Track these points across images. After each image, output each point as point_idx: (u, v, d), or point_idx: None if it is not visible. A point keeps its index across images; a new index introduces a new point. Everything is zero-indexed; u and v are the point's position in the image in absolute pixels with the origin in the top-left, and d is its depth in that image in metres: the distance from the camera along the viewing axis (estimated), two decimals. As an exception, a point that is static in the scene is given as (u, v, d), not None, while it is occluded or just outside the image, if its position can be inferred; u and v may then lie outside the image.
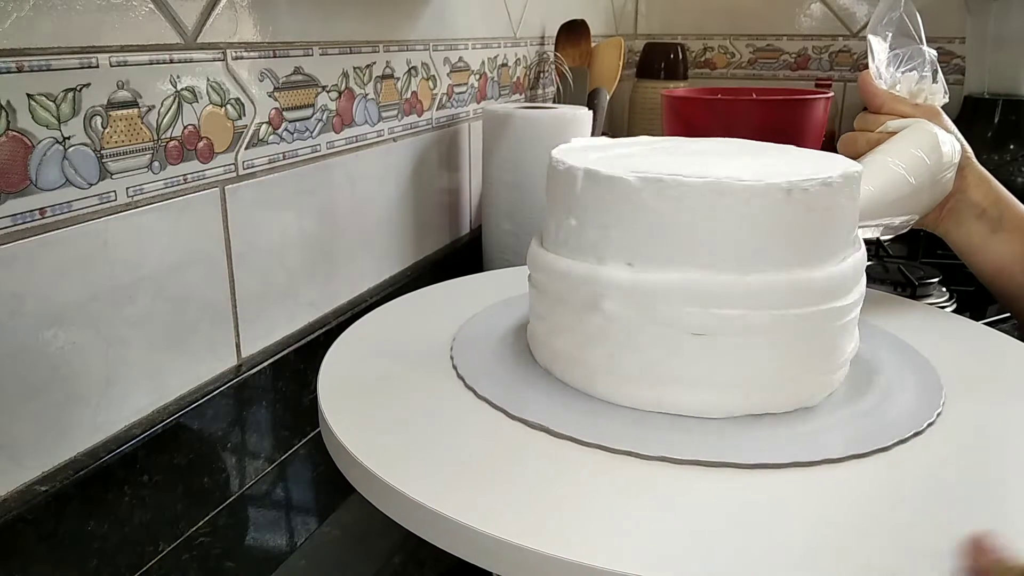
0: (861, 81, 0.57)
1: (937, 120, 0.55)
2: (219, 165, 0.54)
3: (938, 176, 0.53)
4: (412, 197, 0.81)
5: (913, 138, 0.53)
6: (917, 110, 0.55)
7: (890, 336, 0.50)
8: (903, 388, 0.43)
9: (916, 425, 0.39)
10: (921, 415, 0.40)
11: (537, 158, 0.82)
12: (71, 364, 0.44)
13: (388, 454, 0.37)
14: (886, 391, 0.43)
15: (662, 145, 0.47)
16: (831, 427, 0.39)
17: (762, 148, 0.47)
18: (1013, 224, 0.56)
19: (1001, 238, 0.56)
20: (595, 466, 0.36)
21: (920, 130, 0.53)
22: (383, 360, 0.47)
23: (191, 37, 0.51)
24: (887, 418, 0.40)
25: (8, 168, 0.40)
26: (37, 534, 0.42)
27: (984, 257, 0.57)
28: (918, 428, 0.39)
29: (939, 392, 0.42)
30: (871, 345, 0.47)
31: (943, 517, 0.32)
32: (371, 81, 0.72)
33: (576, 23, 1.12)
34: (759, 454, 0.36)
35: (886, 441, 0.37)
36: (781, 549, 0.31)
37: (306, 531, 0.53)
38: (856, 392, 0.42)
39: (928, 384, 0.44)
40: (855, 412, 0.40)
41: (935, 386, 0.43)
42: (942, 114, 0.56)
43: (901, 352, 0.48)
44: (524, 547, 0.30)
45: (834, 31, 1.53)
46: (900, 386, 0.43)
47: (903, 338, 0.50)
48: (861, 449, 0.37)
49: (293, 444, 0.63)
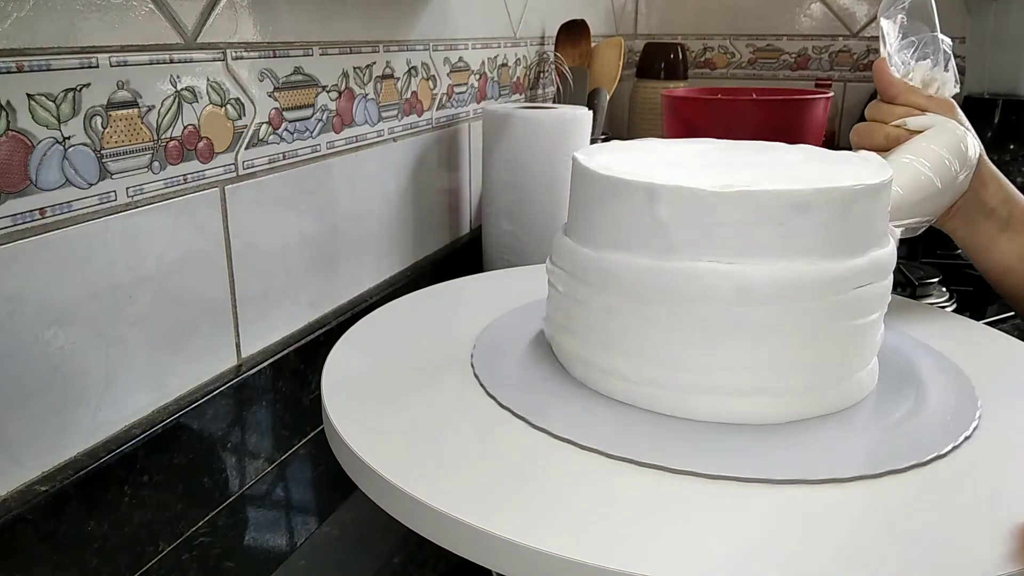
0: (876, 69, 0.56)
1: (952, 114, 0.54)
2: (219, 165, 0.54)
3: (960, 178, 0.52)
4: (412, 197, 0.81)
5: (941, 139, 0.52)
6: (932, 102, 0.54)
7: (926, 347, 0.49)
8: (939, 397, 0.42)
9: (953, 439, 0.37)
10: (957, 428, 0.39)
11: (537, 158, 0.82)
12: (71, 364, 0.44)
13: (392, 453, 0.37)
14: (919, 399, 0.41)
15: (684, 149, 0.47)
16: (863, 438, 0.38)
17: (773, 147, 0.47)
18: (1021, 223, 0.55)
19: (1009, 237, 0.55)
20: (597, 467, 0.36)
21: (947, 131, 0.52)
22: (386, 359, 0.47)
23: (191, 37, 0.51)
24: (923, 429, 0.38)
25: (8, 168, 0.40)
26: (37, 534, 0.42)
27: (991, 256, 0.57)
28: (955, 442, 0.37)
29: (974, 402, 0.41)
30: (899, 349, 0.47)
31: (958, 537, 0.31)
32: (371, 81, 0.72)
33: (576, 23, 1.12)
34: (789, 469, 0.35)
35: (922, 456, 0.36)
36: (800, 559, 0.30)
37: (306, 531, 0.53)
38: (886, 400, 0.42)
39: (963, 393, 0.42)
40: (886, 424, 0.39)
41: (970, 396, 0.42)
42: (957, 107, 0.55)
43: (933, 360, 0.47)
44: (527, 546, 0.30)
45: (834, 31, 1.53)
46: (935, 395, 0.42)
47: (932, 344, 0.49)
48: (897, 465, 0.35)
49: (293, 444, 0.63)
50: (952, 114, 0.54)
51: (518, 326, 0.51)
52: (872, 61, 1.52)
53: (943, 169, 0.51)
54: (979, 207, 0.55)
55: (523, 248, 0.85)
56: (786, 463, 0.35)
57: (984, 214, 0.56)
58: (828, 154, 0.46)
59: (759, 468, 0.35)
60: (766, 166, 0.43)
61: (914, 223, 0.52)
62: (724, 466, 0.35)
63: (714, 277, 0.37)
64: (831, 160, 0.44)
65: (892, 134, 0.54)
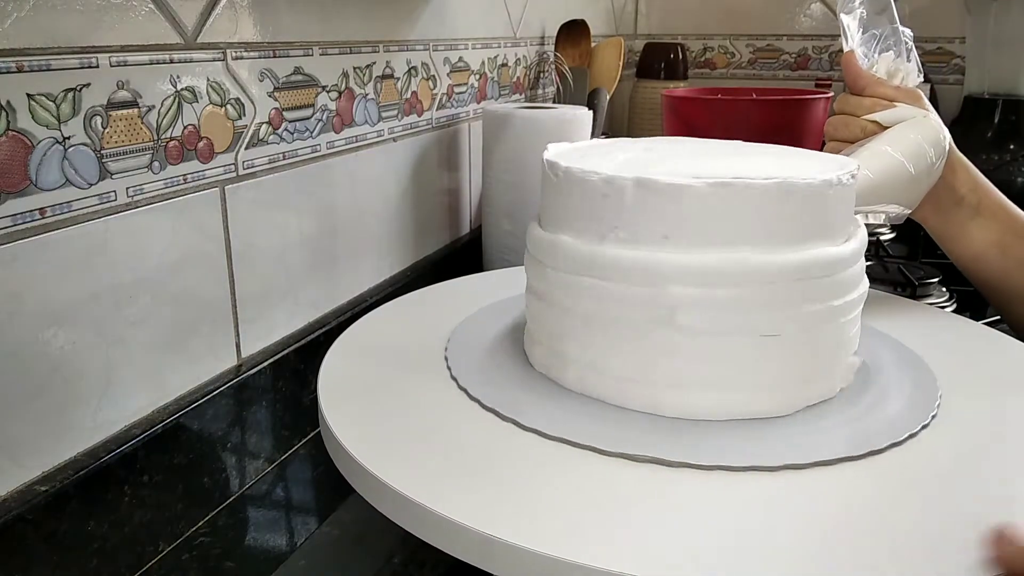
0: (844, 62, 0.57)
1: (920, 104, 0.55)
2: (219, 165, 0.54)
3: (934, 167, 0.53)
4: (412, 197, 0.81)
5: (918, 129, 0.53)
6: (900, 93, 0.55)
7: (888, 338, 0.50)
8: (900, 389, 0.43)
9: (910, 427, 0.39)
10: (916, 416, 0.40)
11: (537, 158, 0.82)
12: (71, 364, 0.44)
13: (388, 454, 0.37)
14: (883, 392, 0.43)
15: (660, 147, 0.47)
16: (828, 430, 0.39)
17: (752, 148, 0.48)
18: (990, 211, 0.56)
19: (979, 224, 0.56)
20: (591, 468, 0.36)
21: (925, 124, 0.53)
22: (383, 360, 0.47)
23: (191, 37, 0.51)
24: (883, 420, 0.40)
25: (8, 168, 0.40)
26: (37, 534, 0.42)
27: (962, 243, 0.57)
28: (912, 430, 0.39)
29: (935, 393, 0.42)
30: (870, 347, 0.47)
31: (943, 517, 0.33)
32: (371, 81, 0.72)
33: (576, 23, 1.12)
34: (753, 457, 0.36)
35: (880, 444, 0.37)
36: (778, 550, 0.31)
37: (306, 531, 0.53)
38: (853, 394, 0.42)
39: (924, 385, 0.43)
40: (851, 415, 0.40)
41: (931, 387, 0.43)
42: (923, 97, 0.56)
43: (898, 353, 0.48)
44: (520, 547, 0.30)
45: (834, 31, 1.52)
46: (897, 387, 0.43)
47: (902, 339, 0.50)
48: (855, 451, 0.37)
49: (293, 444, 0.63)
50: (920, 104, 0.55)
51: (490, 324, 0.51)
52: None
53: (918, 157, 0.52)
54: (949, 195, 0.56)
55: (523, 248, 0.84)
56: (750, 452, 0.36)
57: (954, 201, 0.56)
58: (799, 154, 0.46)
59: (749, 457, 0.36)
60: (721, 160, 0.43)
61: (892, 211, 0.52)
62: (685, 455, 0.36)
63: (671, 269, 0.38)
64: (795, 157, 0.45)
65: (870, 129, 0.55)
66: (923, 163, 0.52)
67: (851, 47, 0.57)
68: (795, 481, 0.35)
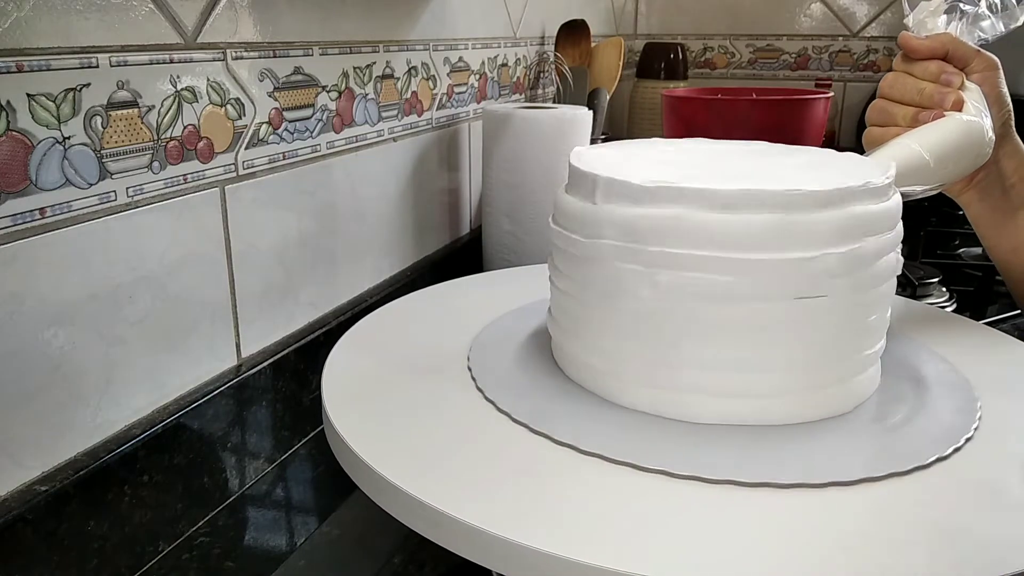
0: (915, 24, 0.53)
1: (996, 74, 0.52)
2: (219, 165, 0.54)
3: (973, 156, 0.50)
4: (412, 197, 0.81)
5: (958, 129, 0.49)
6: (980, 58, 0.52)
7: (931, 352, 0.48)
8: (939, 399, 0.42)
9: (954, 440, 0.37)
10: (957, 431, 0.38)
11: (537, 158, 0.82)
12: (71, 364, 0.44)
13: (391, 452, 0.37)
14: (919, 401, 0.41)
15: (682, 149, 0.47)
16: (862, 440, 0.38)
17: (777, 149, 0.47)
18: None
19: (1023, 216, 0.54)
20: (597, 468, 0.36)
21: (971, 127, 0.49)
22: (387, 359, 0.47)
23: (191, 37, 0.51)
24: (911, 437, 0.38)
25: (8, 168, 0.40)
26: (37, 534, 0.42)
27: (1002, 232, 0.55)
28: (957, 444, 0.37)
29: (974, 404, 0.41)
30: (902, 352, 0.46)
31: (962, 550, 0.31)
32: (371, 81, 0.72)
33: (576, 23, 1.12)
34: (792, 472, 0.35)
35: (922, 460, 0.36)
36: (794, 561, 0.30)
37: (306, 531, 0.53)
38: (886, 402, 0.42)
39: (962, 394, 0.42)
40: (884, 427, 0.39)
41: (969, 397, 0.42)
42: (999, 67, 0.52)
43: (935, 366, 0.46)
44: (527, 546, 0.30)
45: (834, 31, 1.53)
46: (935, 397, 0.42)
47: (947, 356, 0.48)
48: (896, 468, 0.35)
49: (293, 444, 0.63)
50: (996, 74, 0.52)
51: (515, 327, 0.51)
52: (872, 61, 1.52)
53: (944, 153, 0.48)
54: (999, 182, 0.54)
55: (523, 248, 0.85)
56: (790, 466, 0.35)
57: (1002, 189, 0.54)
58: (834, 157, 0.45)
59: (762, 472, 0.35)
60: (760, 167, 0.43)
61: (919, 191, 0.49)
62: (726, 470, 0.35)
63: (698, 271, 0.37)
64: (831, 164, 0.44)
65: (926, 91, 0.51)
66: (949, 156, 0.48)
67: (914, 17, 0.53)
68: (839, 497, 0.34)
